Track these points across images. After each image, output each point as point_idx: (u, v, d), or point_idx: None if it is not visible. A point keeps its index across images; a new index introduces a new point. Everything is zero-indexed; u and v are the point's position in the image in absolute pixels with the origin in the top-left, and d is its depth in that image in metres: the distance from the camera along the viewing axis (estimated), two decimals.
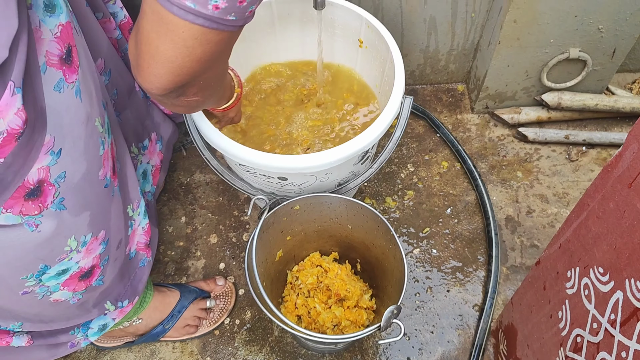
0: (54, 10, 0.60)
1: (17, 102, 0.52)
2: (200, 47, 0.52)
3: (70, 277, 0.73)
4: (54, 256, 0.68)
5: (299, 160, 0.86)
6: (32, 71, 0.57)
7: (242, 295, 1.15)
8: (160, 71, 0.53)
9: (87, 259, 0.74)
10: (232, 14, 0.50)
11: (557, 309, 0.76)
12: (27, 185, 0.58)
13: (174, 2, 0.47)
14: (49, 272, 0.69)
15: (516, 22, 1.10)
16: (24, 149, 0.55)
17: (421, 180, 1.29)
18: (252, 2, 0.51)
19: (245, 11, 0.51)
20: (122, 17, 0.92)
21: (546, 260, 0.80)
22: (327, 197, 0.97)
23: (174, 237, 1.23)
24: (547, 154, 1.33)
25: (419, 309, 1.13)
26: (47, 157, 0.60)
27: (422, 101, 1.43)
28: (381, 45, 1.01)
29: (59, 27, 0.60)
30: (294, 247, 1.07)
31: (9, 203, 0.58)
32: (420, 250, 1.19)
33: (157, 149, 1.11)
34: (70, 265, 0.71)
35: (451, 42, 1.30)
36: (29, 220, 0.61)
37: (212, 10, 0.48)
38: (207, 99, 0.68)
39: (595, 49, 1.18)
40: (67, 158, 0.63)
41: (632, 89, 1.42)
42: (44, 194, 0.61)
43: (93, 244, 0.73)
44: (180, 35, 0.50)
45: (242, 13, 0.51)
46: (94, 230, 0.73)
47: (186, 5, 0.47)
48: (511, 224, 1.23)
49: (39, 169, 0.59)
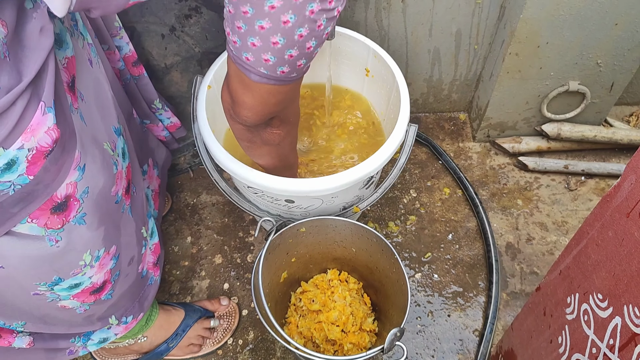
0: (61, 45, 0.64)
1: (47, 121, 0.54)
2: (274, 98, 0.68)
3: (82, 291, 0.75)
4: (68, 270, 0.70)
5: (306, 184, 0.88)
6: (60, 91, 0.60)
7: (245, 316, 1.16)
8: (247, 114, 0.71)
9: (100, 274, 0.76)
10: (294, 73, 0.64)
11: (557, 334, 0.78)
12: (55, 199, 0.61)
13: (251, 70, 0.62)
14: (61, 284, 0.71)
15: (517, 55, 1.14)
16: (54, 165, 0.58)
17: (423, 205, 1.32)
18: (307, 62, 0.65)
19: (304, 68, 0.65)
20: (126, 51, 0.96)
21: (546, 286, 0.82)
22: (332, 220, 0.99)
23: (180, 256, 1.25)
24: (547, 182, 1.36)
25: (420, 332, 1.14)
26: (75, 172, 0.63)
27: (425, 129, 1.46)
28: (387, 75, 1.05)
29: (65, 60, 0.64)
30: (299, 268, 1.09)
31: (36, 214, 0.60)
32: (421, 275, 1.21)
33: (155, 174, 1.14)
34: (83, 280, 0.73)
35: (454, 72, 1.34)
36: (51, 235, 0.64)
37: (280, 74, 0.63)
38: (287, 135, 0.82)
39: (594, 83, 1.22)
40: (89, 173, 0.66)
41: (629, 122, 1.46)
42: (69, 208, 0.64)
43: (105, 258, 0.75)
44: (257, 92, 0.66)
45: (300, 71, 0.65)
46: (107, 245, 0.75)
47: (261, 72, 0.62)
48: (511, 251, 1.25)
49: (67, 184, 0.62)
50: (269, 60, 0.60)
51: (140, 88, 1.04)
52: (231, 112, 0.73)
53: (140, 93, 1.05)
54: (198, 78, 1.04)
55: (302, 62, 0.63)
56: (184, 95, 1.20)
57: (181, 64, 1.13)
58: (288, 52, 0.60)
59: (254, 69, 0.62)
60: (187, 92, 1.20)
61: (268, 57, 0.60)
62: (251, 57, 0.61)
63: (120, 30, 0.94)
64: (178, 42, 1.09)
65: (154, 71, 1.12)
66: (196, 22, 1.06)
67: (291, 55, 0.60)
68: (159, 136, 1.15)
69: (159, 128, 1.13)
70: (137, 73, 1.01)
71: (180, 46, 1.10)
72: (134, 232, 0.86)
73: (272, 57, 0.60)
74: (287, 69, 0.63)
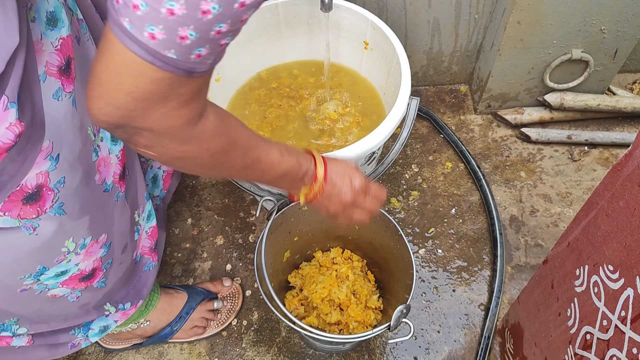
0: (55, 24, 0.61)
1: (9, 116, 0.52)
2: (131, 78, 0.45)
3: (69, 277, 0.73)
4: (51, 258, 0.68)
5: None
6: (31, 83, 0.57)
7: (249, 297, 1.15)
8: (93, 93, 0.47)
9: (87, 261, 0.74)
10: (172, 50, 0.43)
11: (566, 307, 0.77)
12: (26, 189, 0.59)
13: (116, 20, 0.42)
14: (47, 273, 0.69)
15: (520, 24, 1.11)
16: (18, 157, 0.56)
17: (425, 180, 1.30)
18: (198, 45, 0.43)
19: (190, 53, 0.44)
20: None
21: (554, 258, 0.81)
22: None
23: (181, 239, 1.23)
24: (550, 154, 1.34)
25: (425, 308, 1.13)
26: (46, 162, 0.60)
27: (425, 102, 1.44)
28: (387, 47, 1.02)
29: (59, 40, 0.61)
30: (302, 247, 1.07)
31: (7, 206, 0.58)
32: (425, 251, 1.20)
33: None
34: (69, 267, 0.71)
35: (454, 43, 1.31)
36: (27, 224, 0.62)
37: (148, 38, 0.42)
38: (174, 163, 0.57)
39: (598, 50, 1.19)
40: (65, 163, 0.63)
41: (632, 89, 1.43)
42: (42, 198, 0.61)
43: (93, 247, 0.73)
44: (114, 59, 0.44)
45: (185, 54, 0.44)
46: (94, 234, 0.73)
47: (122, 25, 0.42)
48: (515, 224, 1.24)
49: (37, 174, 0.60)
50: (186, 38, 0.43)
51: None
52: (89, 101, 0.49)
53: None
54: None
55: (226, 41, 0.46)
56: None
57: None
58: (217, 26, 0.43)
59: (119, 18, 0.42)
60: None
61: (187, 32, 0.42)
62: (160, 34, 0.42)
63: None
64: None
65: None
66: None
67: (220, 30, 0.44)
68: None
69: None
70: None
71: None
72: (129, 219, 0.84)
73: (192, 33, 0.43)
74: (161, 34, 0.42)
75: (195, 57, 0.44)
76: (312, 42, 1.15)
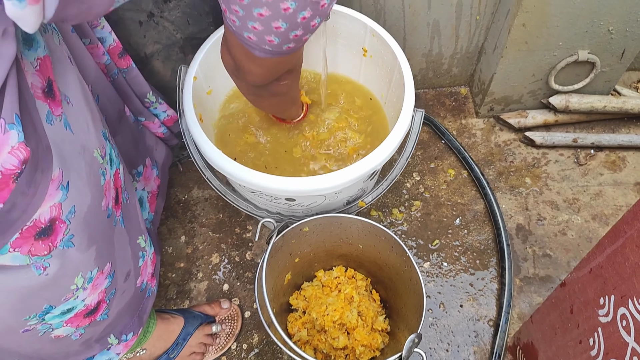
0: (31, 44, 0.56)
1: (10, 139, 0.47)
2: (281, 65, 0.69)
3: (75, 315, 0.69)
4: (59, 296, 0.64)
5: (308, 183, 0.81)
6: (28, 103, 0.52)
7: (248, 318, 1.10)
8: (255, 79, 0.70)
9: (94, 295, 0.70)
10: (300, 44, 0.62)
11: (588, 336, 0.72)
12: (39, 224, 0.54)
13: (255, 48, 0.61)
14: (53, 311, 0.65)
15: (525, 26, 1.06)
16: (29, 189, 0.51)
17: (428, 189, 1.25)
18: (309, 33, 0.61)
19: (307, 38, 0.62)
20: (110, 42, 0.87)
21: (573, 283, 0.77)
22: (337, 218, 0.92)
23: (174, 258, 1.18)
24: (555, 158, 1.30)
25: (432, 326, 1.09)
26: (59, 192, 0.56)
27: (424, 106, 1.39)
28: (388, 55, 0.97)
29: (37, 61, 0.56)
30: (303, 268, 1.02)
31: (18, 242, 0.53)
32: (430, 264, 1.16)
33: (154, 175, 1.06)
34: (76, 304, 0.67)
35: (455, 45, 1.25)
36: (37, 262, 0.57)
37: (286, 49, 0.61)
38: (294, 80, 0.80)
39: (604, 51, 1.14)
40: (74, 191, 0.59)
41: (637, 88, 1.39)
42: (55, 232, 0.57)
43: (99, 278, 0.69)
44: (264, 64, 0.66)
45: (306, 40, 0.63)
46: (100, 264, 0.68)
47: (265, 49, 0.61)
48: (522, 233, 1.20)
49: (51, 207, 0.55)
50: (273, 41, 0.58)
51: (130, 81, 0.95)
52: (236, 74, 0.72)
53: (131, 87, 0.95)
54: (182, 68, 0.96)
55: (307, 37, 0.62)
56: (167, 85, 1.11)
57: (162, 52, 1.04)
58: (292, 33, 0.58)
59: (258, 46, 0.60)
60: (170, 81, 1.11)
61: (272, 38, 0.58)
62: (254, 37, 0.58)
63: (101, 20, 0.84)
64: (157, 29, 0.99)
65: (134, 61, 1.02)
66: (176, 6, 0.96)
67: (296, 35, 0.58)
68: (156, 133, 1.06)
69: (155, 125, 1.04)
70: (124, 65, 0.92)
71: (160, 33, 1.00)
72: (128, 245, 0.79)
73: (276, 39, 0.58)
74: (293, 45, 0.61)
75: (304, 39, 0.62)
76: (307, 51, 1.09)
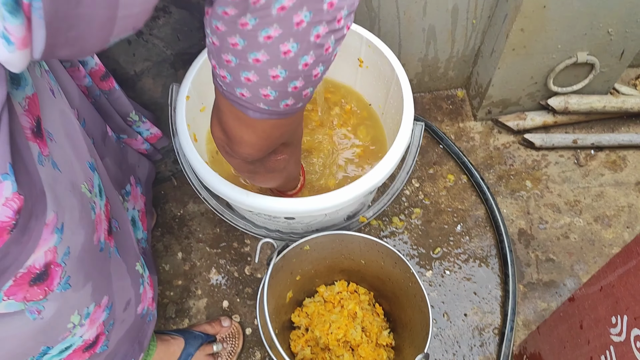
0: (19, 83, 0.52)
1: (4, 190, 0.44)
2: (278, 131, 0.57)
3: (74, 351, 0.66)
4: (56, 336, 0.61)
5: (309, 203, 0.79)
6: (20, 146, 0.49)
7: (249, 335, 1.08)
8: (249, 151, 0.59)
9: (92, 330, 0.67)
10: (300, 103, 0.54)
11: (599, 353, 0.71)
12: (34, 270, 0.51)
13: (249, 107, 0.51)
14: (51, 352, 0.62)
15: (523, 31, 1.04)
16: (23, 236, 0.48)
17: (427, 196, 1.24)
18: (314, 89, 0.54)
19: (310, 96, 0.54)
20: (92, 65, 0.84)
21: (583, 299, 0.75)
22: (338, 235, 0.90)
23: (172, 275, 1.15)
24: (555, 159, 1.28)
25: (437, 336, 1.08)
26: (53, 236, 0.53)
27: (421, 110, 1.36)
28: (384, 66, 0.95)
29: (26, 100, 0.53)
30: (304, 285, 1.00)
31: (12, 290, 0.50)
32: (432, 273, 1.14)
33: (139, 192, 1.03)
34: (74, 341, 0.65)
35: (451, 49, 1.23)
36: (32, 307, 0.54)
37: (284, 107, 0.52)
38: (292, 155, 0.71)
39: (604, 52, 1.13)
40: (68, 232, 0.56)
41: (636, 85, 1.37)
42: (50, 276, 0.54)
43: (96, 313, 0.67)
44: (259, 128, 0.55)
45: (307, 99, 0.55)
46: (97, 299, 0.66)
47: (260, 108, 0.51)
48: (524, 238, 1.18)
49: (46, 252, 0.52)
50: (269, 96, 0.50)
51: (113, 102, 0.92)
52: (227, 149, 0.62)
53: (114, 107, 0.93)
54: (174, 87, 0.93)
55: (308, 91, 0.53)
56: (158, 101, 1.08)
57: (153, 69, 1.01)
58: (292, 84, 0.49)
59: (252, 105, 0.51)
60: (161, 97, 1.08)
61: (267, 92, 0.49)
62: (247, 93, 0.50)
63: None
64: (147, 46, 0.96)
65: (124, 80, 0.99)
66: (165, 23, 0.93)
67: (295, 87, 0.50)
68: (139, 150, 1.03)
69: (138, 142, 1.01)
70: (107, 87, 0.89)
71: (149, 50, 0.97)
72: (127, 273, 0.77)
73: (272, 92, 0.49)
74: (292, 101, 0.52)
75: (311, 95, 0.55)
76: None
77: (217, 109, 0.57)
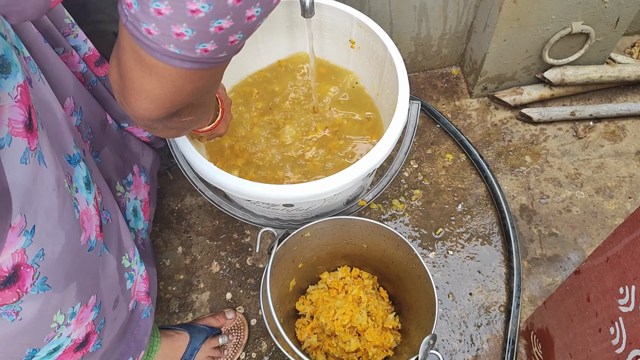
0: (9, 70, 0.50)
1: None
2: (191, 84, 0.47)
3: (64, 352, 0.65)
4: (41, 337, 0.60)
5: (308, 188, 0.78)
6: None
7: (254, 326, 1.08)
8: (149, 106, 0.48)
9: (80, 329, 0.66)
10: (224, 52, 0.44)
11: (608, 325, 0.70)
12: (1, 273, 0.50)
13: (155, 48, 0.41)
14: (39, 354, 0.61)
15: (516, 3, 1.02)
16: None
17: (427, 176, 1.22)
18: (244, 38, 0.44)
19: (238, 47, 0.45)
20: (86, 50, 0.82)
21: (589, 271, 0.74)
22: (338, 220, 0.89)
23: (173, 270, 1.14)
24: (554, 133, 1.27)
25: (443, 317, 1.07)
26: (21, 238, 0.51)
27: (416, 90, 1.35)
28: (377, 46, 0.93)
29: (18, 89, 0.50)
30: (307, 272, 0.99)
31: None
32: (435, 254, 1.13)
33: (143, 182, 1.01)
34: (61, 341, 0.63)
35: (443, 26, 1.21)
36: (7, 310, 0.53)
37: (201, 53, 0.42)
38: (201, 117, 0.63)
39: (598, 20, 1.11)
40: (42, 233, 0.54)
41: (632, 53, 1.36)
42: (21, 278, 0.52)
43: (84, 312, 0.65)
44: (167, 77, 0.45)
45: (233, 49, 0.45)
46: (83, 299, 0.64)
47: (170, 51, 0.41)
48: (526, 214, 1.17)
49: (13, 254, 0.50)
50: (183, 35, 0.40)
51: (110, 88, 0.90)
52: (121, 99, 0.50)
53: (111, 94, 0.91)
54: None
55: (237, 38, 0.43)
56: None
57: None
58: (216, 22, 0.39)
59: (159, 46, 0.41)
60: None
61: (182, 30, 0.39)
62: (155, 30, 0.40)
63: (74, 27, 0.79)
64: None
65: None
66: None
67: (220, 27, 0.40)
68: (141, 137, 1.02)
69: (139, 129, 0.99)
70: (102, 74, 0.87)
71: None
72: (115, 270, 0.75)
73: (188, 30, 0.39)
74: (213, 46, 0.42)
75: (240, 47, 0.46)
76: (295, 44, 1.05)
77: (117, 43, 0.46)
